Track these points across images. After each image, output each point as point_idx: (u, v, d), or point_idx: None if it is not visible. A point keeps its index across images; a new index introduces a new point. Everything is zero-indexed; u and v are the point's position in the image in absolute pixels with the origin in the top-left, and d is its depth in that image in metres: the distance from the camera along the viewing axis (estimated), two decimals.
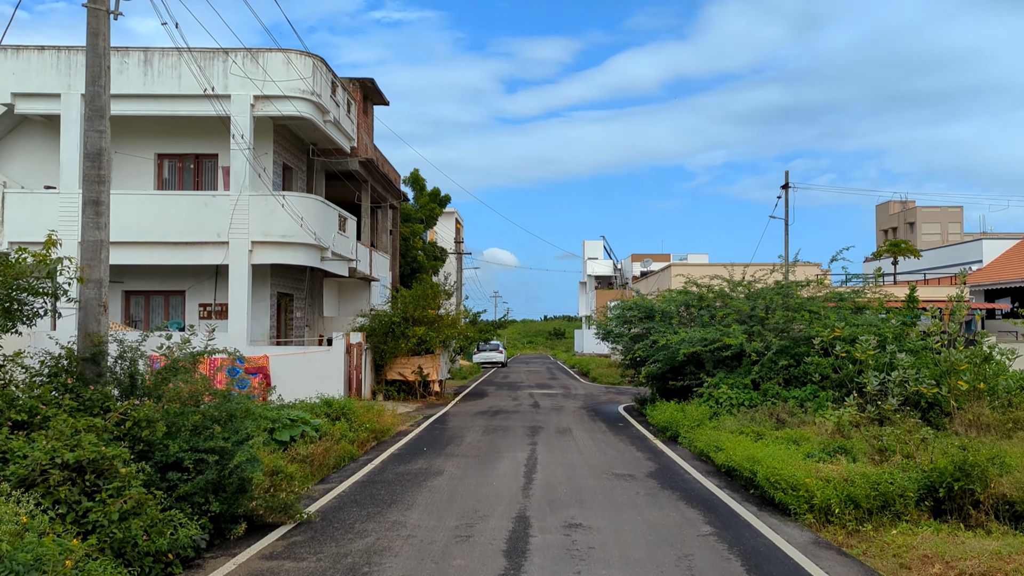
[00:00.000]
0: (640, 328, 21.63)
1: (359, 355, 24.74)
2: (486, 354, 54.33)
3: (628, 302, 23.19)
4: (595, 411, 23.51)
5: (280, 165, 25.13)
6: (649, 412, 20.46)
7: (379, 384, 26.40)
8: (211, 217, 22.53)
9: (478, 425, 19.62)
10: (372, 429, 16.49)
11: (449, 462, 13.94)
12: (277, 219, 22.46)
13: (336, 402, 16.87)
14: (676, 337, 19.72)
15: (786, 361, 18.82)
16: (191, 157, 24.70)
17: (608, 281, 79.80)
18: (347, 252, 26.26)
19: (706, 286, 22.26)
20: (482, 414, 22.49)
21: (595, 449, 15.64)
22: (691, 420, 17.07)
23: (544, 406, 24.92)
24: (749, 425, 15.92)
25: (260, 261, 22.85)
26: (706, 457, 14.34)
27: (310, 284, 27.99)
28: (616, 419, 21.40)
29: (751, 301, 20.84)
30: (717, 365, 20.24)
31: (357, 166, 28.32)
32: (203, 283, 24.44)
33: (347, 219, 26.63)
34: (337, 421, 15.95)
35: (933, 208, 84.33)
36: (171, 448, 8.29)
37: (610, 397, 28.57)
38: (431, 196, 41.29)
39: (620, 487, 11.76)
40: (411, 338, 25.69)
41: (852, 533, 9.23)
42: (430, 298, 26.71)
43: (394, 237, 36.68)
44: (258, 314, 24.22)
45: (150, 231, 22.42)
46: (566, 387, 34.04)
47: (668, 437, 17.20)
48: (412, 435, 17.76)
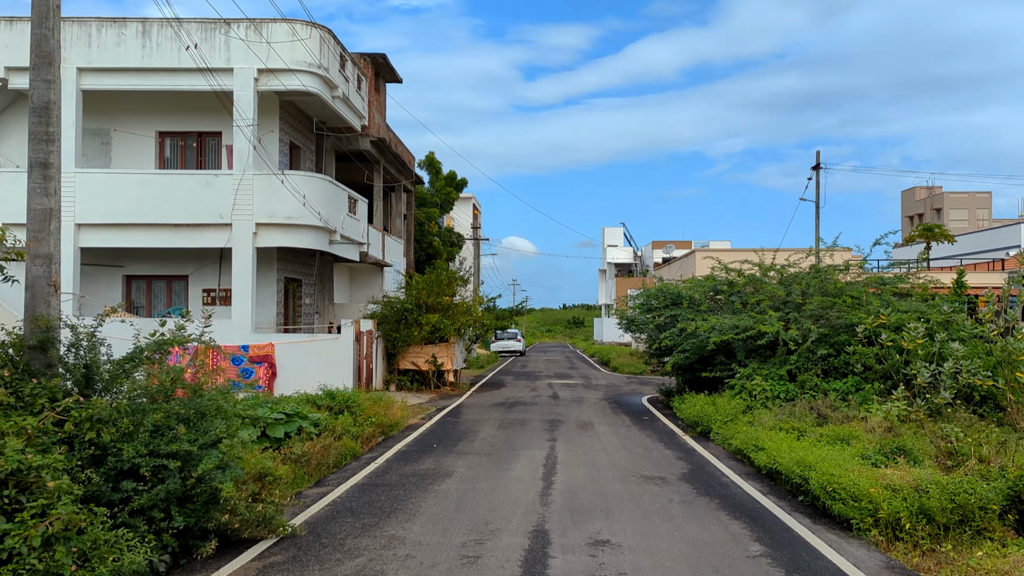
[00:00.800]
0: (665, 316, 20.17)
1: (370, 343, 23.45)
2: (504, 343, 53.00)
3: (652, 289, 21.73)
4: (618, 403, 22.11)
5: (287, 144, 23.82)
6: (676, 405, 19.03)
7: (391, 374, 25.11)
8: (213, 198, 21.28)
9: (493, 418, 18.26)
10: (379, 423, 15.17)
11: (460, 461, 12.58)
12: (282, 200, 21.16)
13: (340, 394, 15.55)
14: (705, 324, 18.25)
15: (825, 350, 17.31)
16: (193, 135, 23.43)
17: (628, 269, 78.12)
18: (358, 235, 24.94)
19: (736, 270, 20.75)
20: (498, 406, 21.14)
21: (620, 446, 14.23)
22: (723, 414, 15.64)
23: (564, 397, 23.54)
24: (788, 420, 14.46)
25: (265, 244, 21.58)
26: (743, 456, 12.91)
27: (320, 269, 26.71)
28: (640, 412, 19.98)
29: (786, 286, 19.32)
30: (749, 355, 18.77)
31: (368, 145, 26.96)
32: (206, 267, 23.21)
33: (357, 201, 25.30)
34: (340, 415, 14.64)
35: (961, 194, 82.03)
36: (125, 453, 6.97)
37: (633, 388, 27.14)
38: (447, 180, 39.88)
39: (651, 493, 10.35)
40: (424, 326, 24.36)
41: (928, 554, 7.79)
42: (445, 284, 25.35)
43: (408, 222, 35.35)
44: (264, 300, 22.97)
45: (150, 212, 21.20)
46: (586, 377, 32.63)
47: (699, 433, 15.78)
48: (422, 429, 16.44)
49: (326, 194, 22.36)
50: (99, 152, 23.07)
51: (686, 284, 21.22)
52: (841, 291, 18.43)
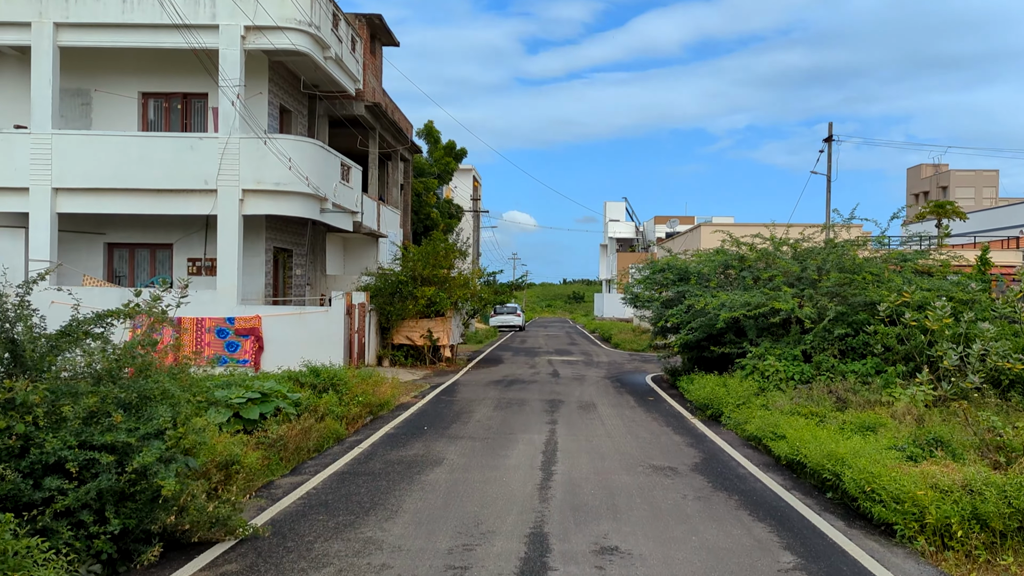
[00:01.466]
0: (673, 292, 19.02)
1: (362, 317, 22.32)
2: (503, 317, 51.92)
3: (659, 263, 20.56)
4: (621, 382, 21.02)
5: (276, 107, 22.55)
6: (684, 386, 17.94)
7: (385, 349, 24.01)
8: (198, 162, 20.06)
9: (490, 397, 17.18)
10: (366, 403, 14.07)
11: (452, 447, 11.49)
12: (270, 165, 19.95)
13: (325, 371, 14.43)
14: (715, 301, 17.11)
15: (843, 330, 16.18)
16: (178, 96, 22.14)
17: (630, 244, 76.87)
18: (351, 204, 23.73)
19: (748, 244, 19.59)
20: (496, 384, 20.05)
21: (625, 430, 13.14)
22: (735, 397, 14.54)
23: (564, 375, 22.46)
24: (805, 404, 13.37)
25: (252, 212, 20.39)
26: (759, 444, 11.83)
27: (312, 239, 25.53)
28: (645, 392, 18.90)
29: (800, 262, 18.17)
30: (761, 333, 17.65)
31: (363, 110, 25.68)
32: (192, 236, 22.03)
33: (351, 168, 24.07)
34: (325, 394, 13.53)
35: (967, 172, 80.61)
36: (48, 444, 5.86)
37: (636, 366, 26.06)
38: (446, 149, 38.53)
39: (662, 487, 9.25)
40: (420, 299, 23.22)
41: (986, 568, 6.70)
42: (442, 256, 24.18)
43: (405, 192, 34.10)
44: (252, 270, 21.81)
45: (131, 177, 19.99)
46: (587, 354, 31.54)
47: (708, 416, 14.69)
48: (414, 409, 15.35)
49: (317, 160, 21.14)
50: (79, 113, 21.81)
51: (695, 258, 20.06)
52: (860, 267, 17.27)
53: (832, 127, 30.17)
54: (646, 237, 72.38)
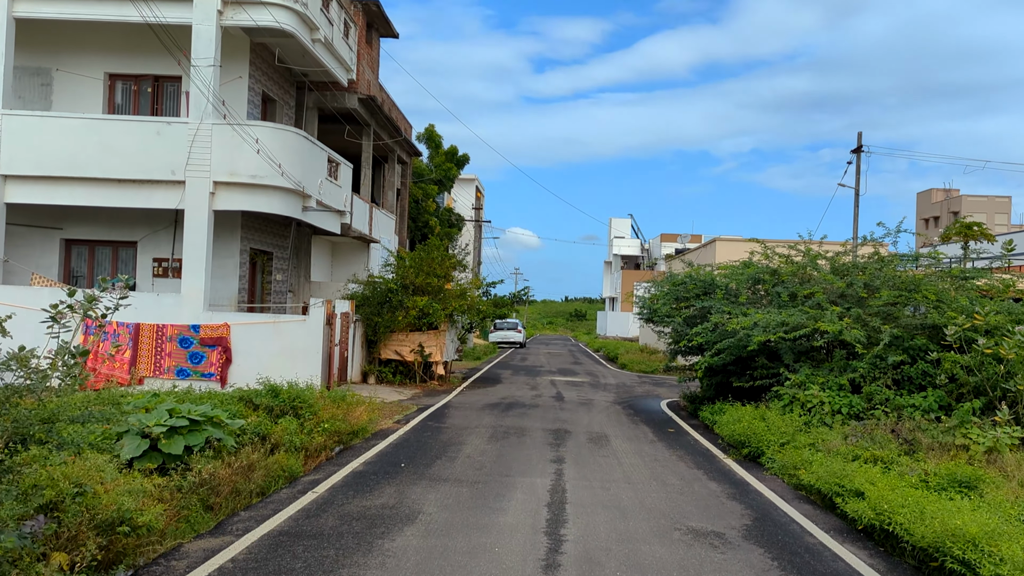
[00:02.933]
0: (696, 308, 16.50)
1: (345, 328, 19.80)
2: (503, 333, 49.31)
3: (679, 276, 18.05)
4: (633, 408, 18.45)
5: (258, 94, 20.13)
6: (709, 416, 15.40)
7: (371, 364, 21.47)
8: (165, 150, 17.62)
9: (485, 425, 14.62)
10: (334, 431, 11.52)
11: (432, 493, 8.93)
12: (245, 155, 17.50)
13: (286, 391, 11.89)
14: (747, 320, 14.59)
15: (898, 356, 13.67)
16: (149, 79, 19.72)
17: (635, 262, 74.32)
18: (338, 204, 21.27)
19: (783, 256, 17.12)
20: (492, 408, 17.49)
21: (648, 473, 10.58)
22: (777, 434, 11.99)
23: (569, 399, 19.88)
24: (864, 446, 10.84)
25: (225, 207, 17.93)
26: (818, 497, 9.28)
27: (296, 241, 23.05)
28: (663, 421, 16.34)
29: (844, 276, 15.69)
30: (799, 358, 15.15)
31: (356, 103, 23.28)
32: (159, 233, 19.55)
33: (340, 164, 21.63)
34: (282, 418, 10.99)
35: (979, 197, 78.28)
36: None
37: (647, 389, 23.48)
38: (447, 155, 36.09)
39: (712, 567, 6.69)
40: (411, 310, 20.70)
41: None
42: (437, 263, 21.68)
43: (402, 197, 31.66)
44: (223, 273, 19.33)
45: (89, 164, 17.55)
46: (593, 374, 28.94)
47: (745, 456, 12.11)
48: (394, 438, 12.79)
49: (300, 152, 18.70)
50: (38, 95, 19.39)
51: (721, 271, 17.55)
52: (917, 285, 14.75)
53: (861, 137, 27.79)
54: (652, 255, 69.83)
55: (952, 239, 38.13)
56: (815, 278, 16.49)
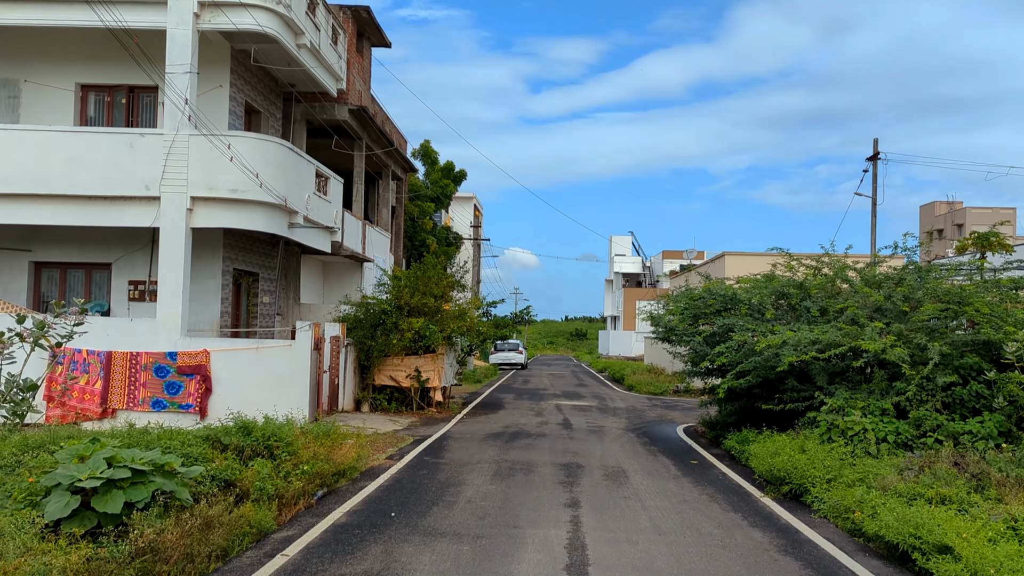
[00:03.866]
0: (718, 325, 15.00)
1: (335, 353, 18.29)
2: (504, 354, 47.68)
3: (696, 291, 16.53)
4: (648, 436, 16.89)
5: (240, 105, 18.74)
6: (734, 445, 13.86)
7: (364, 391, 19.92)
8: (138, 164, 16.22)
9: (487, 459, 13.06)
10: (316, 473, 9.98)
11: (425, 554, 7.37)
12: (225, 168, 16.09)
13: (259, 427, 10.35)
14: (776, 339, 13.08)
15: (948, 377, 12.16)
16: (123, 89, 18.33)
17: (637, 279, 72.80)
18: (328, 220, 19.84)
19: (811, 266, 15.65)
20: (495, 438, 15.93)
21: (679, 520, 9.03)
22: (821, 467, 10.45)
23: (578, 426, 18.31)
24: (928, 484, 9.32)
25: (203, 224, 16.49)
26: (887, 548, 7.75)
27: (284, 262, 21.59)
28: (683, 451, 14.79)
29: (880, 288, 14.21)
30: (833, 379, 13.64)
31: (347, 115, 21.90)
32: (135, 254, 18.10)
33: (329, 179, 20.22)
34: (254, 460, 9.46)
35: (983, 209, 76.95)
36: None
37: (659, 413, 21.89)
38: (444, 171, 34.67)
39: None
40: (406, 332, 19.18)
41: None
42: (433, 282, 20.19)
43: (398, 215, 30.24)
44: (204, 296, 17.86)
45: (55, 180, 16.15)
46: (599, 397, 27.34)
47: (786, 495, 10.56)
48: (384, 478, 11.24)
49: (285, 165, 17.28)
50: (5, 107, 18.01)
51: (742, 285, 16.05)
52: (965, 297, 13.25)
53: (877, 144, 26.37)
54: (654, 272, 68.36)
55: (968, 250, 36.66)
56: (845, 291, 15.03)
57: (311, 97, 21.58)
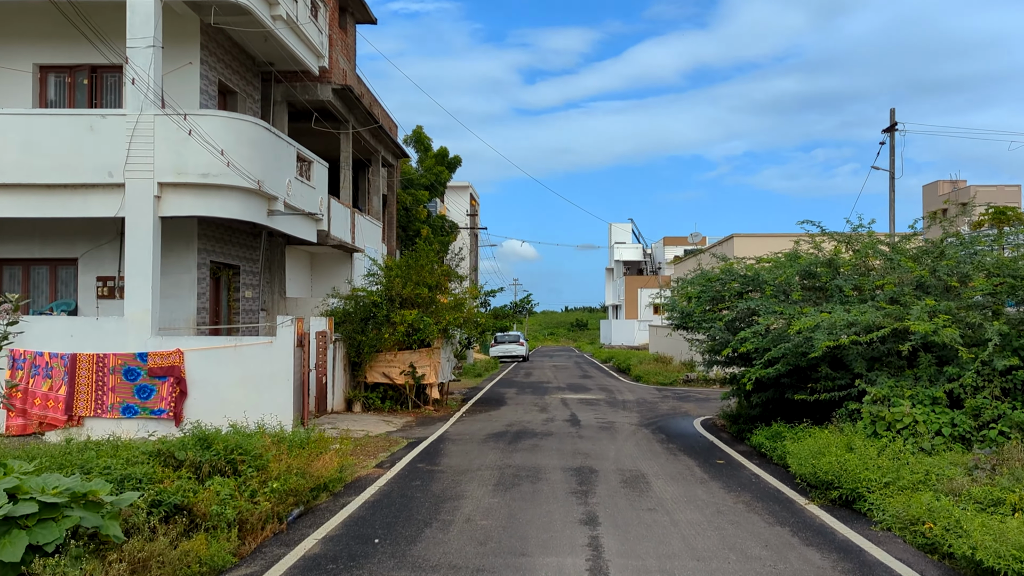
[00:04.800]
0: (740, 309, 13.50)
1: (322, 349, 16.82)
2: (504, 347, 46.14)
3: (714, 272, 15.02)
4: (664, 432, 15.41)
5: (213, 84, 17.19)
6: (764, 441, 12.39)
7: (356, 390, 18.44)
8: (99, 148, 14.71)
9: (489, 465, 11.58)
10: (288, 490, 8.49)
11: None
12: (194, 151, 14.60)
13: (223, 438, 8.85)
14: (809, 321, 11.60)
15: (1008, 360, 10.71)
16: (85, 70, 16.80)
17: (638, 267, 71.23)
18: (312, 207, 18.34)
19: (844, 238, 14.18)
20: (497, 439, 14.46)
21: (718, 539, 7.55)
22: (874, 468, 8.98)
23: (587, 422, 16.84)
24: (1007, 486, 7.86)
25: (173, 212, 15.00)
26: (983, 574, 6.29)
27: (268, 253, 20.08)
28: (704, 448, 13.31)
29: (926, 262, 12.73)
30: (872, 365, 12.17)
31: (330, 95, 20.36)
32: (103, 248, 16.59)
33: (312, 163, 18.72)
34: (213, 478, 7.97)
35: (988, 187, 75.41)
36: None
37: (672, 406, 20.40)
38: (437, 157, 33.12)
39: None
40: (398, 325, 17.69)
41: None
42: (427, 270, 18.69)
43: (390, 204, 28.72)
44: (178, 291, 16.37)
45: (12, 169, 14.66)
46: (607, 389, 25.86)
47: (834, 501, 9.07)
48: (371, 492, 9.76)
49: (262, 146, 15.77)
50: None
51: (765, 264, 14.55)
52: (1017, 269, 11.77)
53: (894, 114, 24.87)
54: (655, 259, 66.82)
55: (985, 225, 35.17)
56: (879, 268, 13.56)
57: (292, 77, 20.05)
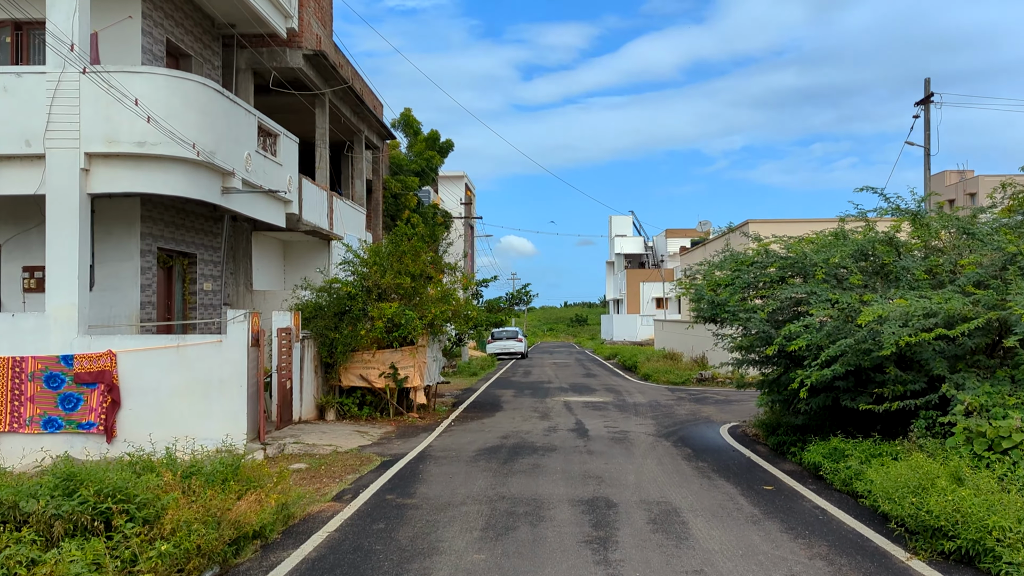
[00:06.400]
0: (785, 298, 10.97)
1: (286, 348, 14.30)
2: (502, 343, 43.44)
3: (747, 256, 12.42)
4: (689, 444, 12.88)
5: (160, 43, 14.64)
6: (821, 460, 9.86)
7: (329, 395, 15.92)
8: (15, 113, 12.20)
9: (476, 496, 9.06)
10: (190, 550, 5.97)
11: None
12: (130, 116, 12.07)
13: (100, 478, 6.29)
14: (879, 310, 9.10)
15: None
16: (7, 26, 14.23)
17: (639, 260, 68.63)
18: (277, 185, 15.81)
19: (911, 212, 11.72)
20: (489, 456, 11.92)
21: None
22: (1000, 509, 6.48)
23: (596, 432, 14.32)
24: None
25: (105, 189, 12.50)
26: None
27: (232, 240, 17.55)
28: (743, 468, 10.78)
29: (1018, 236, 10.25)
30: (954, 366, 9.68)
31: (301, 61, 17.82)
32: (29, 233, 14.02)
33: (279, 137, 16.22)
34: (73, 539, 5.44)
35: (997, 177, 72.97)
36: None
37: (690, 410, 17.85)
38: (428, 141, 30.50)
39: None
40: (376, 320, 15.17)
41: None
42: (409, 256, 16.15)
43: (375, 189, 26.19)
44: (117, 283, 13.84)
45: None
46: (613, 390, 23.29)
47: (950, 556, 6.56)
48: (317, 542, 7.23)
49: (212, 111, 13.25)
50: None
51: (812, 243, 12.00)
52: None
53: (929, 84, 22.39)
54: (657, 252, 64.26)
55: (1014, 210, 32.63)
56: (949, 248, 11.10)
57: (257, 41, 17.52)
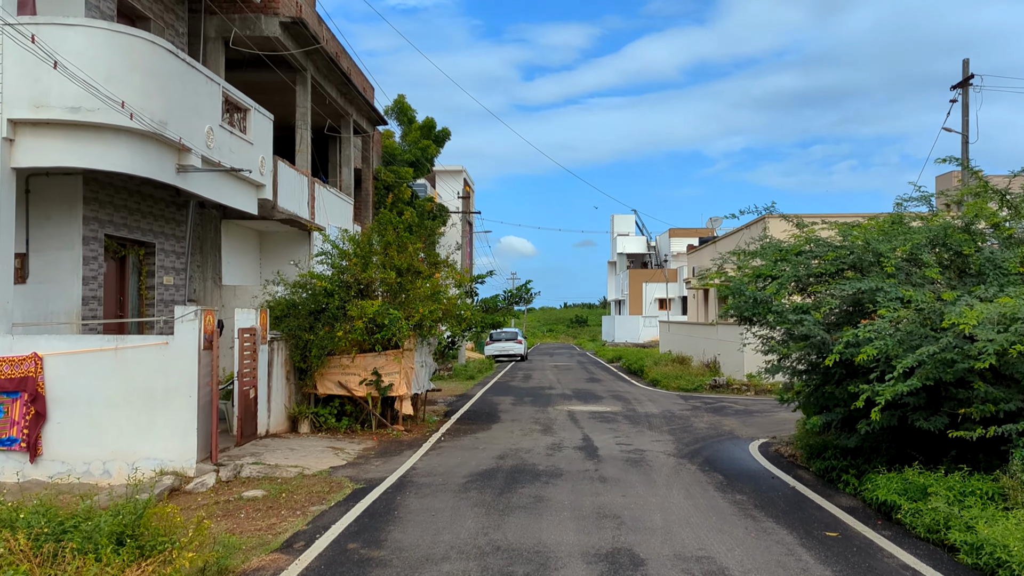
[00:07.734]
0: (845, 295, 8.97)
1: (250, 352, 12.28)
2: (500, 344, 41.31)
3: (793, 244, 10.39)
4: (719, 468, 10.85)
5: (111, 3, 12.64)
6: (895, 499, 7.86)
7: (303, 404, 13.89)
8: None
9: (462, 546, 7.04)
10: None
11: None
12: (61, 77, 10.07)
13: None
14: (983, 309, 7.11)
15: None
16: None
17: (642, 260, 66.54)
18: (246, 165, 13.78)
19: (997, 191, 9.85)
20: (481, 485, 9.88)
21: None
22: None
23: (607, 451, 12.28)
24: None
25: (33, 163, 10.53)
26: None
27: (197, 230, 15.52)
28: (789, 502, 8.77)
29: None
30: None
31: (278, 29, 15.80)
32: None
33: (249, 111, 14.24)
34: None
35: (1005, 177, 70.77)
36: None
37: (710, 422, 15.81)
38: (423, 129, 28.44)
39: None
40: (356, 320, 13.14)
41: None
42: (394, 248, 14.13)
43: (365, 178, 24.18)
44: (55, 274, 11.83)
45: None
46: (621, 397, 21.20)
47: None
48: None
49: (166, 76, 11.25)
50: None
51: (878, 227, 9.99)
52: None
53: (968, 65, 20.39)
54: (660, 252, 62.20)
55: None
56: None
57: (229, 7, 15.53)
